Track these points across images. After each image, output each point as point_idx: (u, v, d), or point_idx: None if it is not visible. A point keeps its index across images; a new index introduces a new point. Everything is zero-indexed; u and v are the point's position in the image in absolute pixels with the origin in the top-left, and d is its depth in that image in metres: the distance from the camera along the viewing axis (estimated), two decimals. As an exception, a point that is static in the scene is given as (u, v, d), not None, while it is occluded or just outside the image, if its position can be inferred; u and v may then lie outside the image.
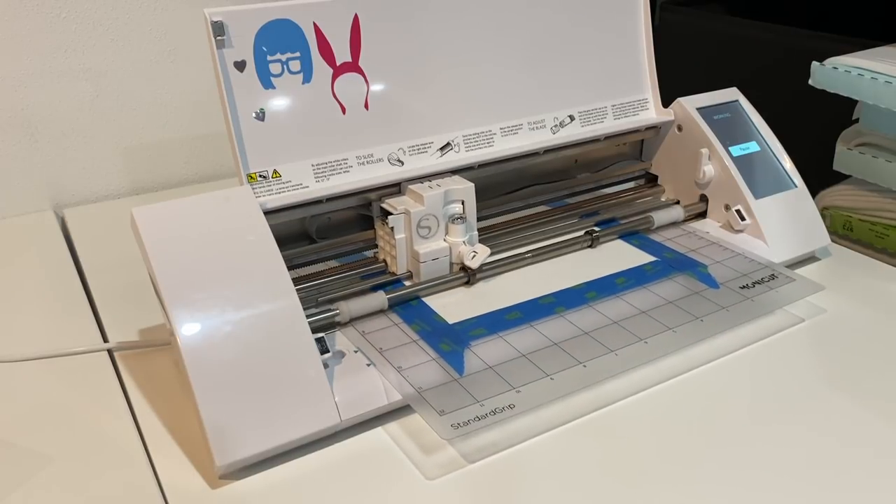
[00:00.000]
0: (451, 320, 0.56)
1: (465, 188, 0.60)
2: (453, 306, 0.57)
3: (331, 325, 0.54)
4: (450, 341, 0.53)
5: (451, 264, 0.60)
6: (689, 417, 0.50)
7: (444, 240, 0.60)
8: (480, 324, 0.55)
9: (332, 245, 0.61)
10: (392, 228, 0.58)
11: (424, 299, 0.58)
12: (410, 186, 0.59)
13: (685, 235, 0.68)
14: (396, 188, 0.60)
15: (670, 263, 0.63)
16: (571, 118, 0.68)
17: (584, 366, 0.51)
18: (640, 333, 0.54)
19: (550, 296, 0.59)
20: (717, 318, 0.56)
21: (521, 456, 0.47)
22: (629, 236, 0.68)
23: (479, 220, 0.64)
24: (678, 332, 0.55)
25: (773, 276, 0.61)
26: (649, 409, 0.51)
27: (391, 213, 0.58)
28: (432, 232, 0.59)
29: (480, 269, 0.60)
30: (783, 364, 0.55)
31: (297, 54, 0.55)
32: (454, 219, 0.60)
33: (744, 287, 0.60)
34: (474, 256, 0.59)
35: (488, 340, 0.54)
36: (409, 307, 0.57)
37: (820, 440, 0.48)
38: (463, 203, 0.60)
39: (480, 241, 0.62)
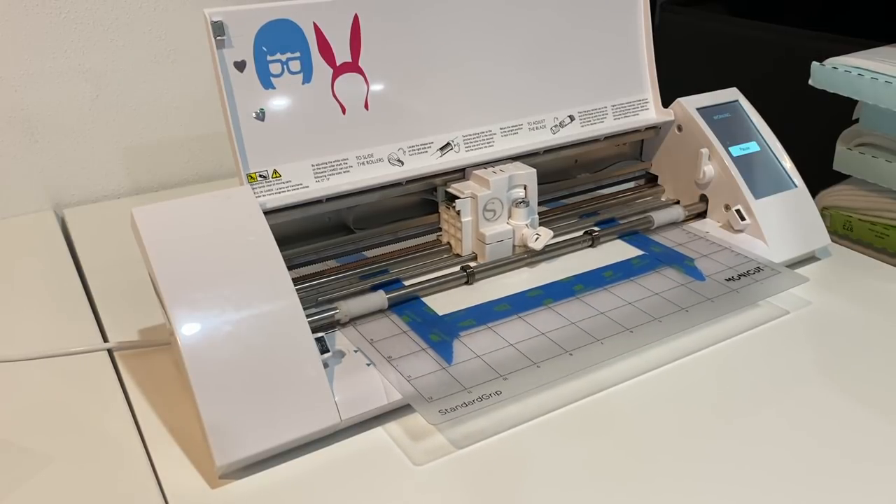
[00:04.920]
0: (441, 312, 0.56)
1: (527, 173, 0.62)
2: (452, 306, 0.57)
3: (331, 325, 0.54)
4: (439, 332, 0.54)
5: (514, 246, 0.62)
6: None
7: (508, 223, 0.62)
8: (470, 315, 0.56)
9: (331, 245, 0.61)
10: (459, 212, 0.61)
11: (424, 299, 0.58)
12: (475, 172, 0.62)
13: (685, 235, 0.68)
14: (461, 174, 0.63)
15: (658, 257, 0.64)
16: (571, 118, 0.68)
17: (571, 354, 0.52)
18: (625, 323, 0.55)
19: (539, 288, 0.60)
20: (702, 309, 0.57)
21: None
22: (629, 236, 0.68)
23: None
24: (663, 322, 0.55)
25: (758, 269, 0.62)
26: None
27: (458, 197, 0.60)
28: (497, 215, 0.61)
29: (481, 269, 0.61)
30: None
31: (297, 54, 0.55)
32: (517, 202, 0.61)
33: (729, 279, 0.61)
34: (537, 238, 0.61)
35: (477, 331, 0.54)
36: (407, 305, 0.57)
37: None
38: (525, 187, 0.62)
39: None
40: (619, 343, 0.53)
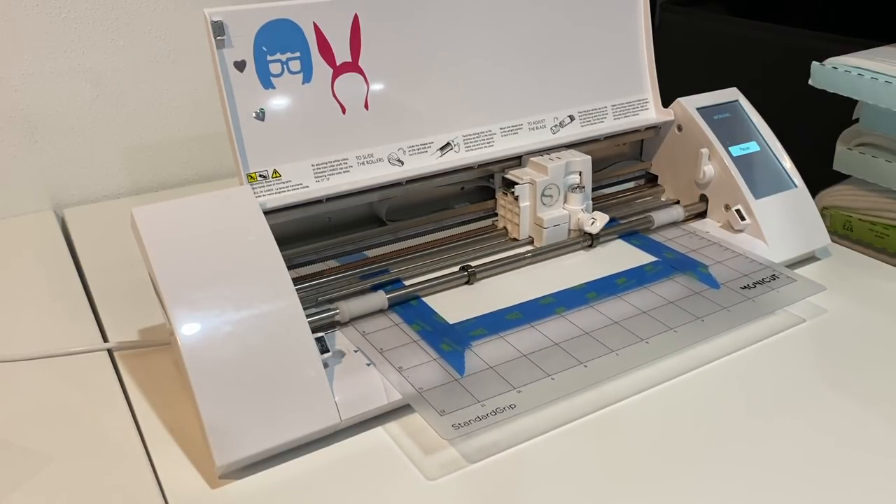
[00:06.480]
0: (451, 320, 0.56)
1: (583, 160, 0.65)
2: (454, 306, 0.57)
3: (331, 325, 0.54)
4: (450, 341, 0.53)
5: (569, 230, 0.65)
6: (689, 417, 0.50)
7: (564, 207, 0.64)
8: (481, 324, 0.55)
9: (331, 245, 0.61)
10: (517, 197, 0.63)
11: (424, 299, 0.58)
12: (532, 159, 0.64)
13: (685, 235, 0.68)
14: (517, 161, 0.65)
15: (671, 263, 0.63)
16: (571, 118, 0.68)
17: (585, 366, 0.51)
18: (640, 333, 0.54)
19: (551, 296, 0.59)
20: (718, 319, 0.56)
21: (522, 456, 0.47)
22: (629, 236, 0.68)
23: (478, 220, 0.67)
24: (679, 332, 0.55)
25: (774, 277, 0.61)
26: (650, 409, 0.51)
27: (517, 183, 0.63)
28: (553, 200, 0.63)
29: (481, 269, 0.61)
30: (783, 364, 0.55)
31: (297, 54, 0.55)
32: (573, 188, 0.64)
33: (745, 287, 0.60)
34: (593, 223, 0.63)
35: (489, 340, 0.53)
36: (409, 307, 0.57)
37: (819, 439, 0.48)
38: (580, 174, 0.64)
39: (480, 238, 0.64)
40: (635, 354, 0.52)
